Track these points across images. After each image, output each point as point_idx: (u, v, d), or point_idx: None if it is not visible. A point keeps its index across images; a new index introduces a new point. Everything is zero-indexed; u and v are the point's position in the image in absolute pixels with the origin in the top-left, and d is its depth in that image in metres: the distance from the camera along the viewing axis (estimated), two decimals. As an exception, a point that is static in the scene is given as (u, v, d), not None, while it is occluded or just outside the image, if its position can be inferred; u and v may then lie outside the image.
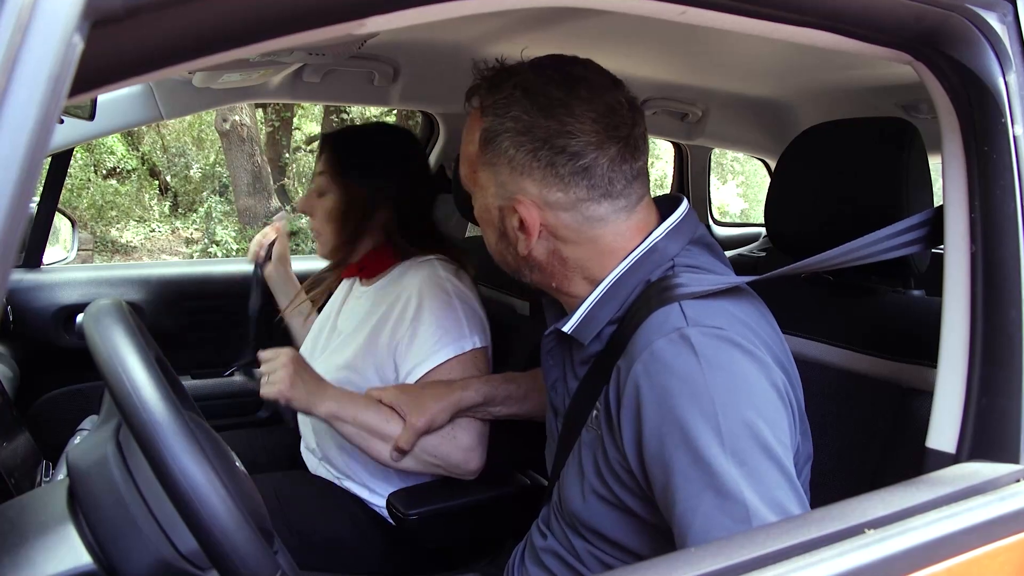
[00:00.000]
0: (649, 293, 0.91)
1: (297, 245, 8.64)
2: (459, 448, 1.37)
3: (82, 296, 2.01)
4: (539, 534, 1.08)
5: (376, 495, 1.50)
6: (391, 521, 1.43)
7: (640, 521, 0.89)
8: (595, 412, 0.93)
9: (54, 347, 1.99)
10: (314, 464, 1.61)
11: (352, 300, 1.65)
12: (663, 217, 0.97)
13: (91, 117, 1.46)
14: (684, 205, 0.99)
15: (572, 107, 0.89)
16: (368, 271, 1.60)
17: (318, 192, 1.56)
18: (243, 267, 2.32)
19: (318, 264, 1.81)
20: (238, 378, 1.82)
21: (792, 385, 0.88)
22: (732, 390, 0.79)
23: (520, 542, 1.15)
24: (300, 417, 1.66)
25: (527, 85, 0.91)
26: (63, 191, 2.01)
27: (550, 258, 0.96)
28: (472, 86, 0.99)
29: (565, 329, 0.96)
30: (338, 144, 1.58)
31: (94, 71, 0.45)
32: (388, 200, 1.52)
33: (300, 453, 1.69)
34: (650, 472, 0.82)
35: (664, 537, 0.83)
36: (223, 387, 2.17)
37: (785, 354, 0.91)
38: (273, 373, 1.32)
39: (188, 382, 2.14)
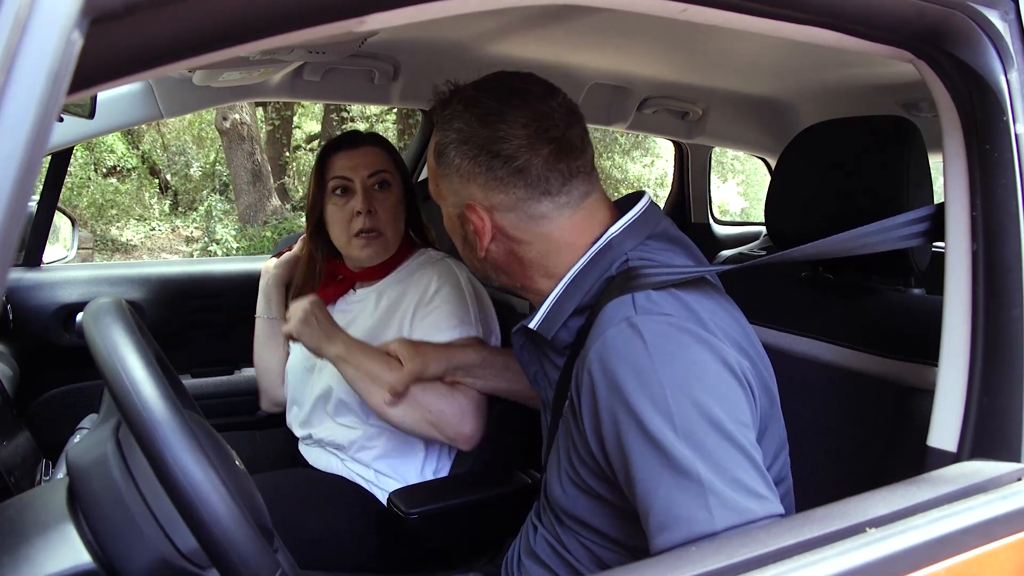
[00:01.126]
0: (610, 287, 0.95)
1: (297, 244, 8.63)
2: (456, 408, 1.41)
3: (82, 295, 2.01)
4: (532, 527, 1.11)
5: (381, 475, 1.52)
6: (391, 514, 1.43)
7: (611, 506, 0.92)
8: (567, 402, 0.97)
9: (54, 346, 1.99)
10: (315, 455, 1.61)
11: (348, 305, 1.65)
12: (624, 213, 1.02)
13: (91, 115, 1.46)
14: (643, 201, 1.04)
15: (505, 115, 0.96)
16: (380, 270, 1.62)
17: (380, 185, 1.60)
18: (243, 266, 2.32)
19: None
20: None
21: (757, 369, 0.91)
22: (681, 373, 0.82)
23: (516, 537, 1.17)
24: (298, 395, 1.68)
25: (468, 100, 0.99)
26: (63, 190, 2.01)
27: (508, 258, 1.03)
28: (431, 107, 1.07)
29: (531, 326, 1.01)
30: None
31: (93, 68, 0.45)
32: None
33: (299, 451, 1.69)
34: (611, 457, 0.86)
35: (635, 521, 0.85)
36: (223, 386, 2.17)
37: (749, 341, 0.94)
38: (292, 314, 1.44)
39: (188, 381, 2.14)
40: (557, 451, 1.00)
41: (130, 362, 0.73)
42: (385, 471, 1.54)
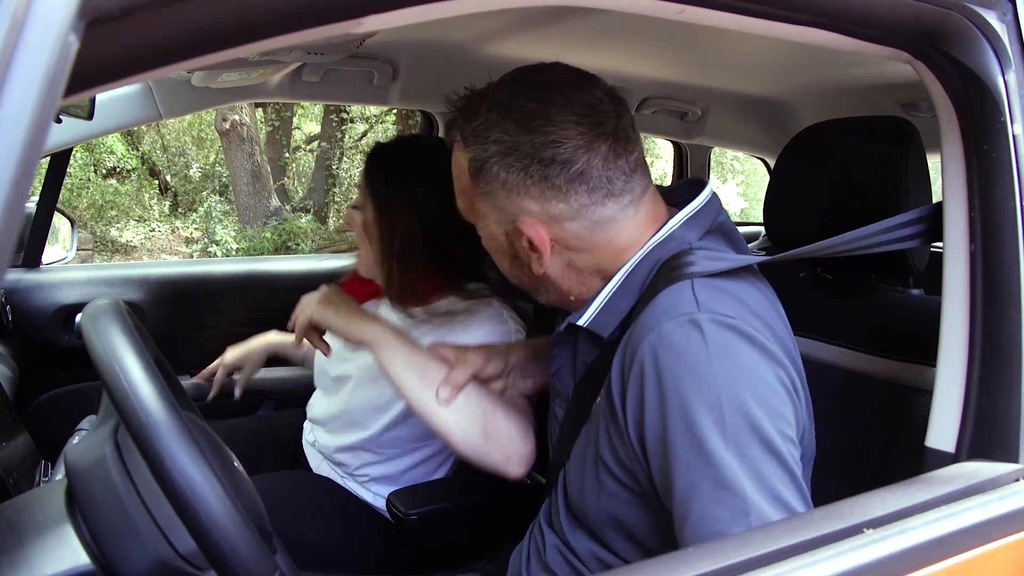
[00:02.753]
0: (660, 273, 0.89)
1: (297, 245, 8.64)
2: (516, 422, 1.20)
3: (81, 296, 2.01)
4: (539, 534, 1.06)
5: (379, 497, 1.50)
6: (391, 519, 1.43)
7: (648, 511, 0.88)
8: (599, 399, 0.91)
9: (53, 347, 1.99)
10: (317, 462, 1.61)
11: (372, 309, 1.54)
12: (681, 204, 0.95)
13: (90, 116, 1.46)
14: (706, 192, 0.96)
15: (551, 115, 0.87)
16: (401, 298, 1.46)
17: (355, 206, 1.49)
18: (243, 266, 2.32)
19: (317, 264, 1.79)
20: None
21: (800, 378, 0.88)
22: (738, 381, 0.78)
23: (522, 544, 1.13)
24: (309, 408, 1.65)
25: (500, 104, 0.89)
26: (63, 191, 2.01)
27: (565, 271, 0.95)
28: (448, 120, 0.97)
29: (580, 323, 0.93)
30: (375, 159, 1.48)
31: (90, 71, 0.45)
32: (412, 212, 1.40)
33: (302, 451, 1.69)
34: (650, 454, 0.82)
35: (668, 525, 0.82)
36: (223, 386, 2.17)
37: (793, 345, 0.91)
38: (304, 303, 1.24)
39: (188, 382, 2.14)
40: (583, 452, 0.94)
41: (128, 364, 0.73)
42: (382, 493, 1.50)
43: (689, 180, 0.99)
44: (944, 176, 0.89)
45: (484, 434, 1.17)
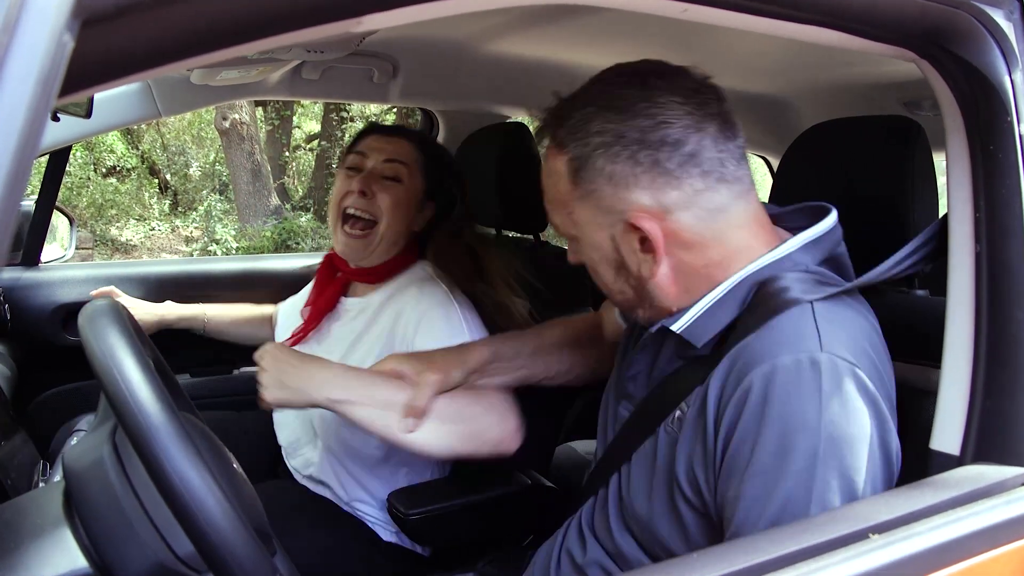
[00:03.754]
0: (764, 292, 0.85)
1: (297, 244, 8.64)
2: (492, 408, 1.20)
3: (81, 294, 2.00)
4: (579, 539, 1.01)
5: (375, 510, 1.48)
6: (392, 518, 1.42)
7: (703, 530, 0.85)
8: (678, 412, 0.88)
9: (52, 346, 1.98)
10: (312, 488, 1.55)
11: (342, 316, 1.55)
12: (797, 229, 0.91)
13: (88, 115, 1.45)
14: (832, 218, 0.92)
15: (654, 98, 0.83)
16: (374, 273, 1.51)
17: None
18: (243, 265, 2.31)
19: (317, 262, 1.78)
20: None
21: (893, 420, 0.84)
22: (842, 439, 0.75)
23: (552, 545, 1.07)
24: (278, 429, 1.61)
25: (596, 99, 0.86)
26: (63, 189, 2.00)
27: (674, 276, 0.88)
28: (537, 129, 0.93)
29: (674, 328, 0.87)
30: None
31: (85, 70, 0.44)
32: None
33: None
34: (723, 474, 0.80)
35: None
36: (222, 386, 2.16)
37: (891, 378, 0.87)
38: (261, 376, 1.16)
39: (187, 380, 2.13)
40: (650, 467, 0.90)
41: (126, 365, 0.73)
42: (366, 511, 1.48)
43: (811, 205, 0.95)
44: (949, 176, 0.88)
45: (466, 437, 1.17)
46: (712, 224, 0.85)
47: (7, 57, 0.40)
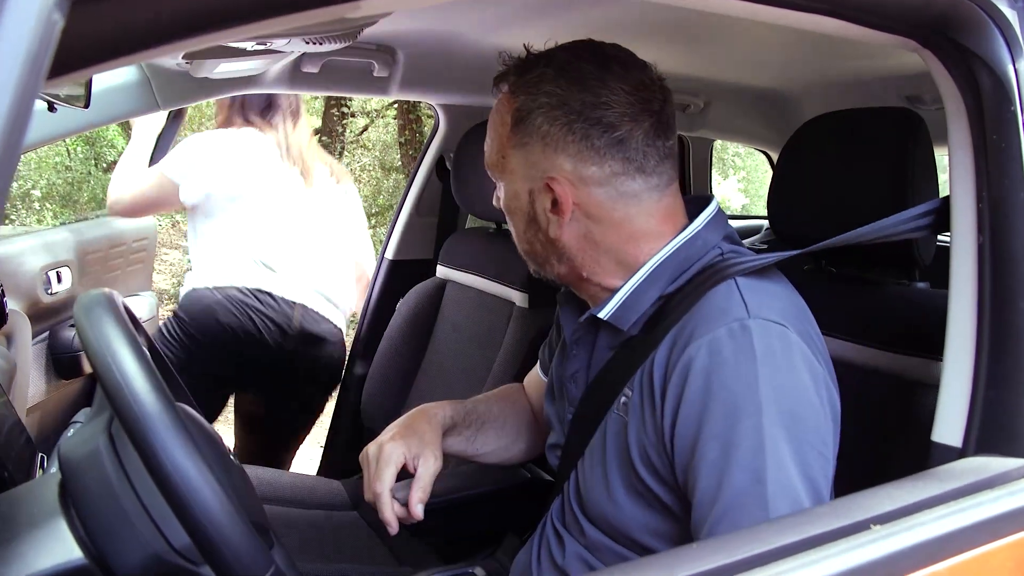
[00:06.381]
0: (703, 276, 0.91)
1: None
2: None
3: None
4: (554, 535, 1.03)
5: None
6: None
7: (666, 516, 0.88)
8: (623, 398, 0.92)
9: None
10: None
11: None
12: (691, 215, 0.97)
13: (86, 104, 1.44)
14: (714, 204, 1.00)
15: (606, 80, 0.89)
16: None
17: None
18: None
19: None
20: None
21: (832, 383, 0.89)
22: (784, 397, 0.81)
23: (531, 542, 1.08)
24: None
25: (559, 63, 0.92)
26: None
27: (581, 243, 0.95)
28: (499, 73, 0.98)
29: (601, 315, 0.94)
30: None
31: (76, 51, 0.43)
32: None
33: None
34: (676, 455, 0.84)
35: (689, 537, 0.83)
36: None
37: (821, 339, 0.92)
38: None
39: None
40: (602, 454, 0.93)
41: (121, 356, 0.72)
42: None
43: (694, 197, 1.02)
44: (951, 167, 0.88)
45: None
46: (622, 206, 0.92)
47: (-5, 37, 0.39)
